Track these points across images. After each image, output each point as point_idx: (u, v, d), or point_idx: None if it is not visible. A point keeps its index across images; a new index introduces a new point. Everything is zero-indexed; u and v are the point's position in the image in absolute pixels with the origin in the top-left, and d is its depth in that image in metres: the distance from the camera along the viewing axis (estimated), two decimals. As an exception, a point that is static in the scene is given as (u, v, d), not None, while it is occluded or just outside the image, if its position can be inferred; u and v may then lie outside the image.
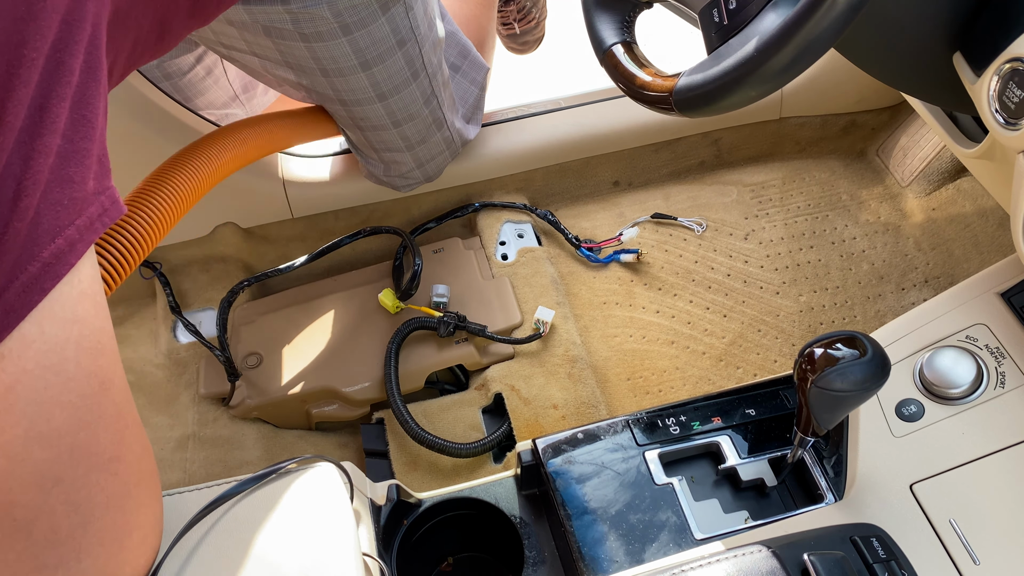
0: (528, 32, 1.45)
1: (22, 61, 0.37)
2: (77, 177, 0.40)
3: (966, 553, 0.61)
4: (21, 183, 0.37)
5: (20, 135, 0.37)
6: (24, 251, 0.38)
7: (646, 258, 1.14)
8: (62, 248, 0.40)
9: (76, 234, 0.40)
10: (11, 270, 0.38)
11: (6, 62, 0.36)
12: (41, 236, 0.39)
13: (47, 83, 0.38)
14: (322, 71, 0.86)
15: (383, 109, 0.93)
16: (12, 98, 0.36)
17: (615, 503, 0.70)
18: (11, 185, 0.37)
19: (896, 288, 1.13)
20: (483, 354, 1.02)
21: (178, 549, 0.51)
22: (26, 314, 0.38)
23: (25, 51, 0.37)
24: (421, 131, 0.99)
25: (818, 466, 0.71)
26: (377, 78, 0.88)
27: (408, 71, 0.90)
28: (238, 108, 1.12)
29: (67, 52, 0.39)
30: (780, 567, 0.55)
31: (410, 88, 0.92)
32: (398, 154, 1.01)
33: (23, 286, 0.38)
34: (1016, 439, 0.66)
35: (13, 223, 0.37)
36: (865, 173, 1.26)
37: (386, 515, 0.71)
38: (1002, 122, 0.57)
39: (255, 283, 1.08)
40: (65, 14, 0.39)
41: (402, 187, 1.09)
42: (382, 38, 0.84)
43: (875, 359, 0.58)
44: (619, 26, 0.69)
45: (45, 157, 0.38)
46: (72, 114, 0.40)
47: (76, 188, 0.40)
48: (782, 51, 0.51)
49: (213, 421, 1.01)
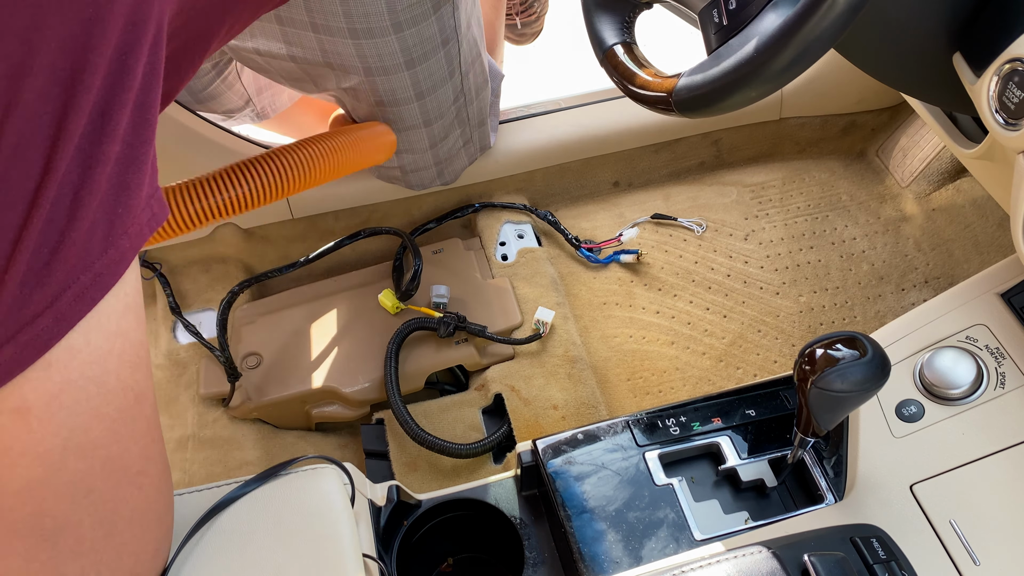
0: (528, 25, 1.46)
1: (86, 66, 0.35)
2: (134, 183, 0.40)
3: (966, 553, 0.61)
4: (79, 192, 0.36)
5: (80, 142, 0.36)
6: (79, 261, 0.37)
7: (646, 259, 1.14)
8: (114, 259, 0.39)
9: (128, 243, 0.40)
10: (65, 280, 0.37)
11: (71, 67, 0.35)
12: (95, 246, 0.38)
13: (110, 88, 0.37)
14: (365, 70, 0.86)
15: (418, 108, 0.92)
16: (74, 104, 0.35)
17: (615, 503, 0.70)
18: (69, 194, 0.36)
19: (896, 288, 1.13)
20: (483, 355, 1.02)
21: (179, 552, 0.51)
22: (75, 323, 0.38)
23: (90, 56, 0.35)
24: (445, 129, 0.99)
25: (818, 467, 0.71)
26: (419, 77, 0.88)
27: (447, 69, 0.90)
28: (249, 111, 1.12)
29: (131, 55, 0.38)
30: (780, 568, 0.55)
31: (445, 87, 0.92)
32: (420, 155, 1.01)
33: (74, 296, 0.38)
34: (1016, 439, 0.66)
35: (69, 234, 0.36)
36: (865, 173, 1.26)
37: (386, 516, 0.71)
38: (1002, 122, 0.57)
39: (255, 284, 1.08)
40: (130, 14, 0.37)
41: (416, 186, 1.08)
42: (430, 36, 0.84)
43: (875, 360, 0.58)
44: (619, 26, 0.69)
45: (104, 165, 0.37)
46: (133, 118, 0.39)
47: (132, 195, 0.39)
48: (782, 52, 0.51)
49: (213, 422, 1.01)
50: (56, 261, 0.36)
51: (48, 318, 0.37)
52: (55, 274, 0.36)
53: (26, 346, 0.37)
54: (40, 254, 0.36)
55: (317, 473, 0.55)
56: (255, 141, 1.10)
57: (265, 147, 1.10)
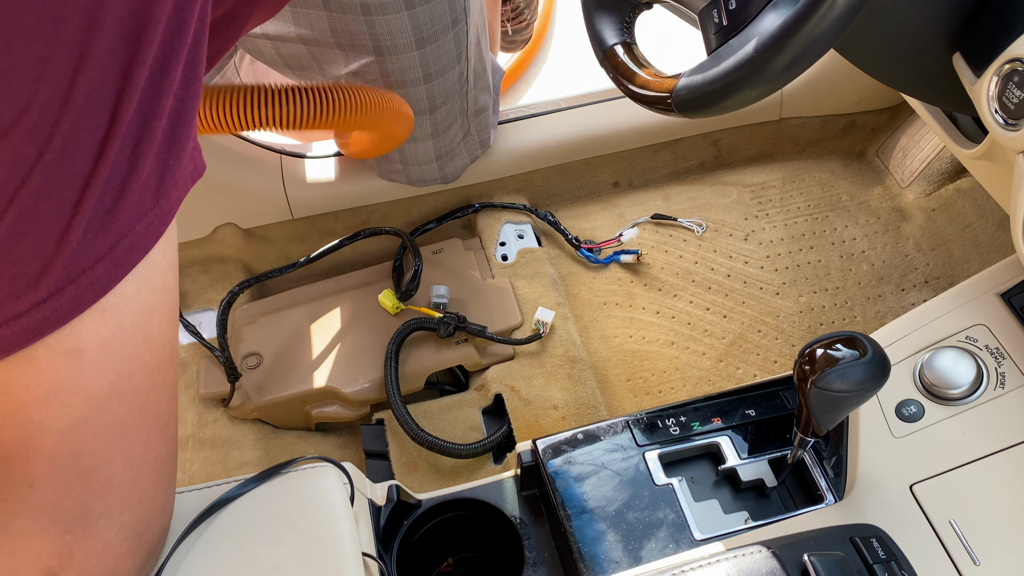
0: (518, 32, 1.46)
1: (150, 21, 0.37)
2: (183, 136, 0.42)
3: (966, 553, 0.61)
4: (139, 144, 0.39)
5: (142, 95, 0.38)
6: (135, 210, 0.40)
7: (646, 259, 1.14)
8: (165, 208, 0.41)
9: (176, 194, 0.42)
10: (123, 228, 0.39)
11: (137, 22, 0.36)
12: (148, 196, 0.40)
13: (168, 43, 0.38)
14: (375, 49, 0.86)
15: (425, 92, 0.92)
16: (139, 58, 0.37)
17: (615, 503, 0.70)
18: (130, 145, 0.38)
19: (896, 289, 1.13)
20: (483, 355, 1.02)
21: (179, 549, 0.51)
22: (130, 269, 0.41)
23: (154, 10, 0.37)
24: (448, 117, 0.99)
25: (818, 467, 0.71)
26: (428, 58, 0.88)
27: (455, 52, 0.90)
28: None
29: (187, 11, 0.39)
30: (780, 568, 0.55)
31: (452, 71, 0.92)
32: (422, 144, 1.00)
33: (130, 244, 0.40)
34: (1016, 439, 0.66)
35: (129, 183, 0.39)
36: (865, 174, 1.26)
37: (386, 516, 0.71)
38: (1002, 123, 0.57)
39: (255, 284, 1.08)
40: None
41: (417, 181, 1.08)
42: (440, 15, 0.85)
43: (875, 360, 0.58)
44: (619, 27, 0.69)
45: (161, 118, 0.39)
46: (184, 73, 0.40)
47: (181, 147, 0.42)
48: (782, 52, 0.51)
49: (213, 422, 1.01)
50: (117, 209, 0.39)
51: (107, 263, 0.39)
52: (115, 222, 0.39)
53: (86, 289, 0.39)
54: (104, 202, 0.38)
55: (316, 472, 0.55)
56: (255, 141, 1.10)
57: (265, 147, 1.10)
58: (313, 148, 1.14)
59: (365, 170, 1.12)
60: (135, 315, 0.42)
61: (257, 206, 1.11)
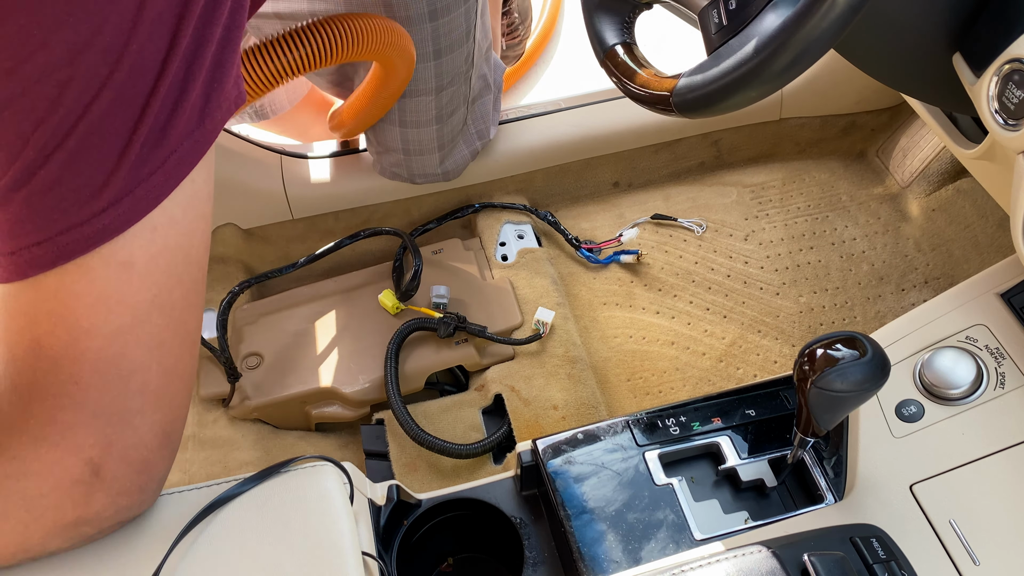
0: (512, 48, 1.46)
1: None
2: (228, 63, 0.45)
3: (966, 553, 0.61)
4: (191, 67, 0.42)
5: (198, 22, 0.42)
6: (184, 128, 0.43)
7: (646, 259, 1.14)
8: (209, 128, 0.45)
9: (220, 116, 0.46)
10: (174, 144, 0.43)
11: None
12: (195, 116, 0.44)
13: None
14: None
15: (434, 69, 0.92)
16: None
17: (615, 503, 0.70)
18: (184, 68, 0.42)
19: (896, 289, 1.13)
20: (483, 355, 1.02)
21: (178, 549, 0.51)
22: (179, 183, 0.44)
23: None
24: (453, 101, 0.99)
25: (818, 467, 0.71)
26: (440, 31, 0.88)
27: (464, 28, 0.90)
28: (248, 110, 1.12)
29: None
30: (780, 567, 0.55)
31: (461, 49, 0.92)
32: (425, 129, 1.00)
33: (178, 159, 0.44)
34: (1016, 440, 0.66)
35: (182, 103, 0.42)
36: (865, 174, 1.26)
37: (386, 515, 0.71)
38: (1002, 123, 0.57)
39: (255, 284, 1.08)
40: None
41: (418, 176, 1.08)
42: None
43: (875, 360, 0.58)
44: (619, 27, 0.69)
45: (210, 45, 0.43)
46: (233, 4, 0.44)
47: (226, 73, 0.45)
48: (782, 52, 0.51)
49: (213, 422, 1.01)
50: (170, 126, 0.42)
51: (160, 176, 0.43)
52: (168, 138, 0.43)
53: (141, 199, 0.43)
54: (160, 119, 0.42)
55: (316, 471, 0.55)
56: (255, 141, 1.10)
57: (265, 147, 1.10)
58: (313, 148, 1.14)
59: (365, 170, 1.12)
60: (179, 236, 0.46)
61: (257, 206, 1.11)
